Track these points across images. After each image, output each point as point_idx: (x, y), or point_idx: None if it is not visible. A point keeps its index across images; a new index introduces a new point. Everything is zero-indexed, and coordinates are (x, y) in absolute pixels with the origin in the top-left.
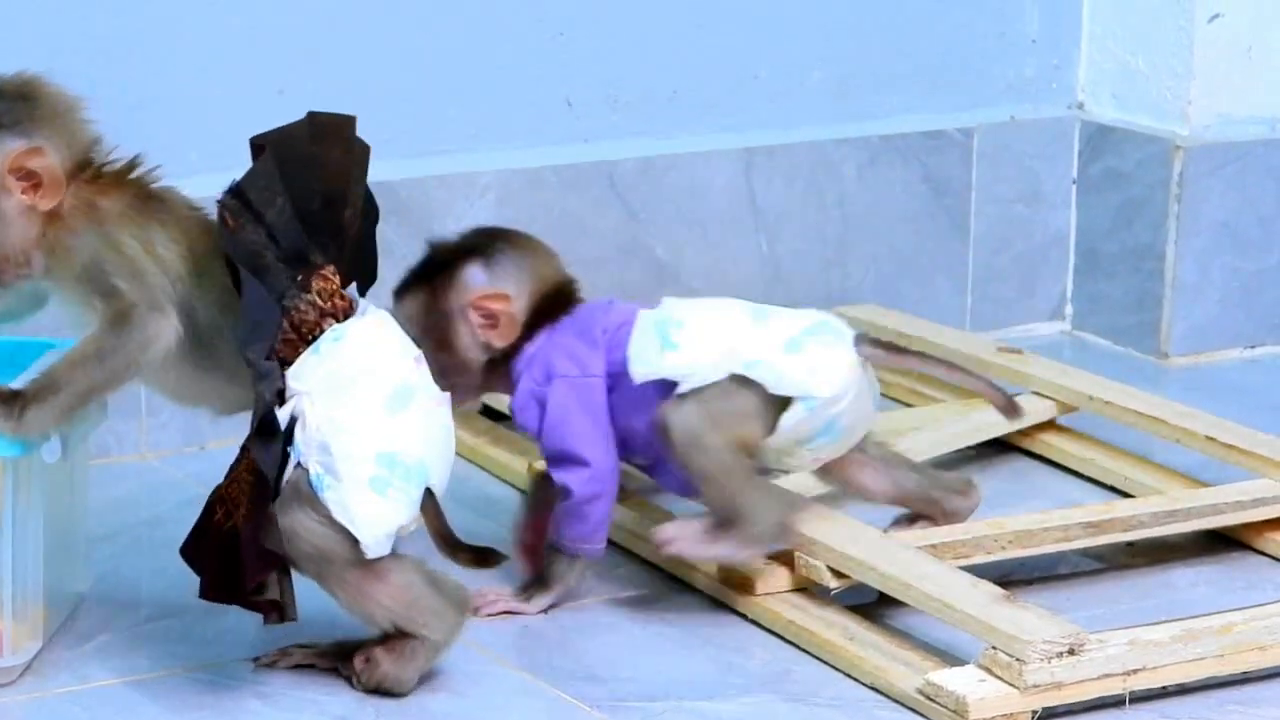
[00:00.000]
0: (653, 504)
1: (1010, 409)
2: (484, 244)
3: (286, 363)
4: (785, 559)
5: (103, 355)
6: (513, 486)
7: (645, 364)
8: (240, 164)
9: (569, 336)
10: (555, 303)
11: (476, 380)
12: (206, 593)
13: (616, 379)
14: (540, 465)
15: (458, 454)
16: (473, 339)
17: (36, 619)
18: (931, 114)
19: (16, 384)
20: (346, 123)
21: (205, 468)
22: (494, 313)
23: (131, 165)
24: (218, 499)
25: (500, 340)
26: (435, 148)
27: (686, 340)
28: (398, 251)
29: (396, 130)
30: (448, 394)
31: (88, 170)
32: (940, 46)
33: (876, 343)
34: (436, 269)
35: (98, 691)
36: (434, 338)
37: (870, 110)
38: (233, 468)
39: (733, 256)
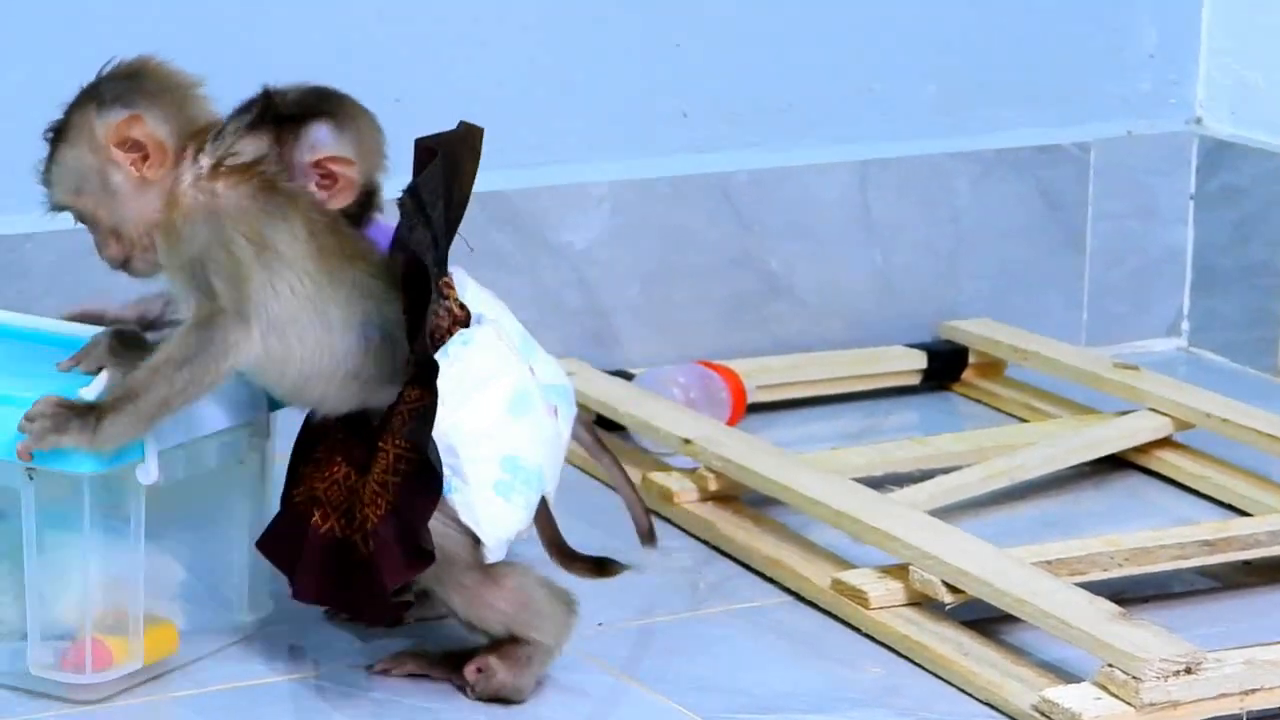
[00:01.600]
0: (767, 516)
1: (648, 538)
2: (334, 108)
3: None
4: (899, 573)
5: (183, 361)
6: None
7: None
8: None
9: None
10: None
11: None
12: (306, 595)
13: None
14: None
15: (570, 463)
16: None
17: (135, 641)
18: (1047, 128)
19: (92, 393)
20: (480, 133)
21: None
22: (336, 176)
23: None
24: (311, 500)
25: (337, 203)
26: (549, 157)
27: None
28: (512, 262)
29: (511, 140)
30: (555, 404)
31: (210, 154)
32: (1056, 61)
33: (591, 428)
34: (282, 120)
35: (214, 696)
36: None
37: (985, 124)
38: (327, 469)
39: (845, 269)
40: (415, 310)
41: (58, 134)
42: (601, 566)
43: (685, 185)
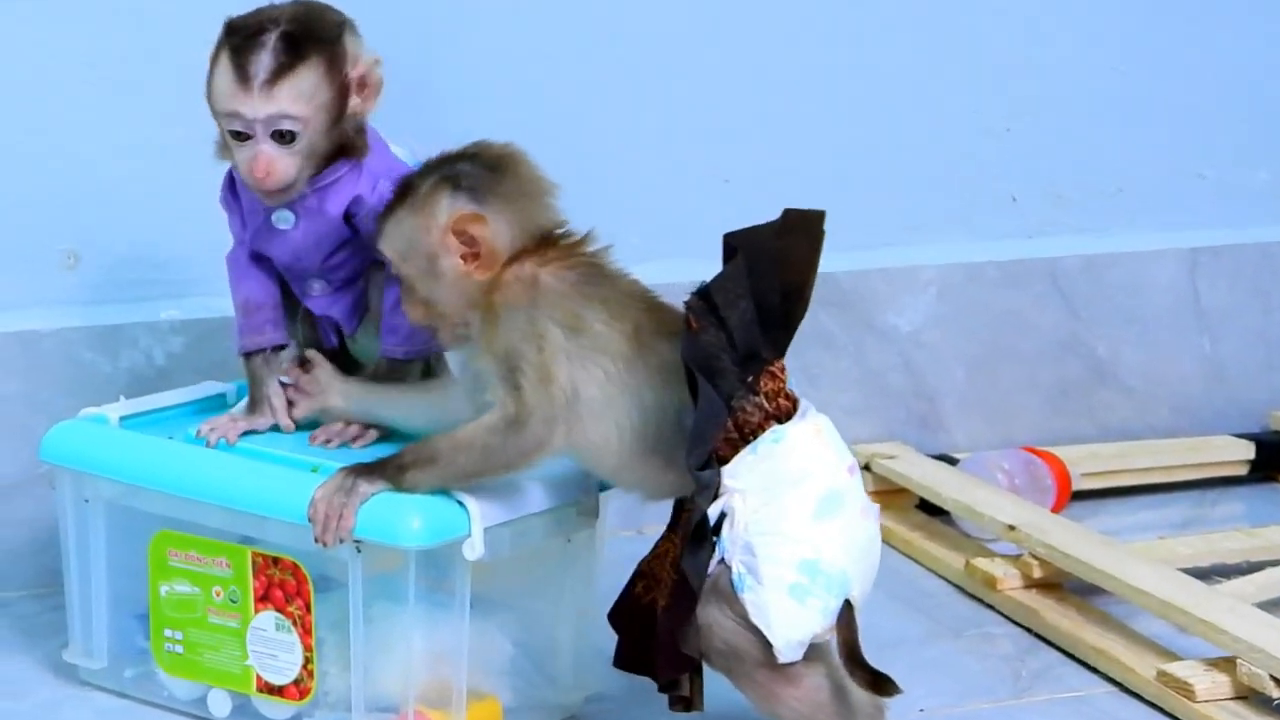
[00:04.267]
0: (1091, 605)
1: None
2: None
3: (724, 460)
4: (1226, 665)
5: (487, 451)
6: (946, 580)
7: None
8: (682, 251)
9: None
10: None
11: None
12: (619, 661)
13: None
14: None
15: (893, 546)
16: None
17: (459, 716)
18: None
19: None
20: (817, 217)
21: (641, 550)
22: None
23: (584, 240)
24: (640, 573)
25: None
26: (878, 240)
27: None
28: (839, 342)
29: (840, 222)
30: (876, 506)
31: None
32: None
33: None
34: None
35: None
36: None
37: None
38: (657, 544)
39: (1173, 356)
40: (698, 418)
41: (405, 191)
42: (878, 683)
43: (1013, 269)
